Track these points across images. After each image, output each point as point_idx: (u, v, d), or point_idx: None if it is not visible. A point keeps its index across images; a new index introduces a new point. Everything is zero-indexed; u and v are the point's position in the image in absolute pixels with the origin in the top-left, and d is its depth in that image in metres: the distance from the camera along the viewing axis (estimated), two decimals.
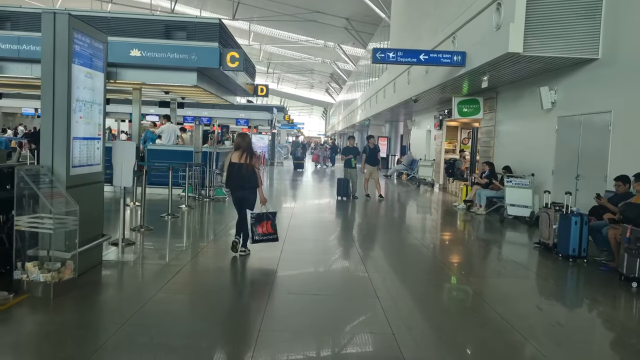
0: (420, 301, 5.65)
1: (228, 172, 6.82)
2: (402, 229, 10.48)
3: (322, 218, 11.63)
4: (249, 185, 6.79)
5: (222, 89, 17.22)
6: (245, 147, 6.81)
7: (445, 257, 8.10)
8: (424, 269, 7.25)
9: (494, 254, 8.62)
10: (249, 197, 6.87)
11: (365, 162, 14.13)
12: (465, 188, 13.19)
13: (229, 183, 6.89)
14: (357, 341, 4.39)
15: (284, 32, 43.84)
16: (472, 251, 8.83)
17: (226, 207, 12.36)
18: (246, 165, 6.70)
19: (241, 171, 6.71)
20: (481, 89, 14.18)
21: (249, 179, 6.74)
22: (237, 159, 6.76)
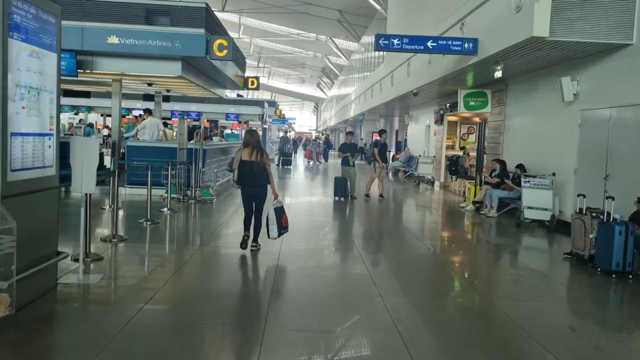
0: (445, 335, 4.50)
1: (239, 170, 6.77)
2: (410, 235, 9.34)
3: (320, 222, 10.47)
4: (260, 183, 6.80)
5: (209, 81, 15.97)
6: (255, 144, 6.79)
7: (466, 272, 6.97)
8: (443, 289, 6.12)
9: (519, 266, 7.50)
10: (260, 194, 6.87)
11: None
12: (473, 188, 12.10)
13: (241, 180, 6.83)
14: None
15: (274, 25, 42.52)
16: (493, 263, 7.71)
17: (214, 209, 11.16)
18: (257, 162, 6.70)
19: (252, 168, 6.70)
20: (489, 81, 13.09)
21: (261, 176, 6.76)
22: (248, 157, 6.72)
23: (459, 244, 8.99)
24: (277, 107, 37.99)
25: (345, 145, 13.43)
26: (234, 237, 8.36)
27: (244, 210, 7.15)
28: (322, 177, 21.56)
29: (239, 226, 9.48)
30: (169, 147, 12.14)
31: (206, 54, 11.63)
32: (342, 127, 51.58)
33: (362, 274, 6.25)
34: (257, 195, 6.88)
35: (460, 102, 13.40)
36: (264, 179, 6.81)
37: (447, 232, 10.08)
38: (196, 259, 6.67)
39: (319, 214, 11.49)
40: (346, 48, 43.17)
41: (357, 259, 7.05)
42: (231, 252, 7.13)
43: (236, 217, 10.29)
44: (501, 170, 11.56)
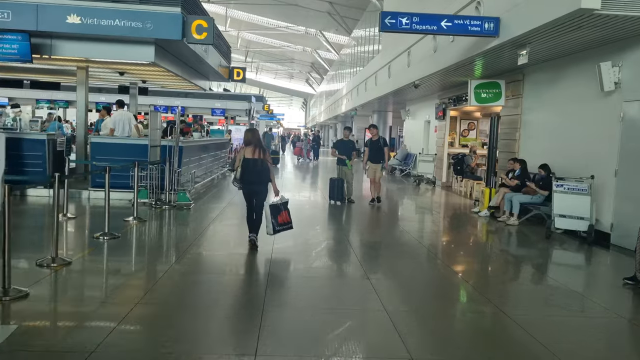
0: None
1: (242, 168, 6.80)
2: (422, 250, 7.75)
3: (315, 234, 8.84)
4: (262, 180, 6.86)
5: (189, 71, 14.25)
6: (256, 142, 6.86)
7: (499, 302, 5.38)
8: (479, 328, 4.53)
9: (566, 294, 5.89)
10: (262, 191, 6.94)
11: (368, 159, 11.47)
12: (488, 191, 10.54)
13: (244, 178, 6.83)
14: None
15: (263, 18, 40.73)
16: (531, 289, 6.12)
17: (191, 216, 9.50)
18: (260, 160, 6.79)
19: (256, 166, 6.77)
20: (503, 70, 11.55)
21: (263, 173, 6.83)
22: (251, 155, 6.78)
23: (482, 262, 7.42)
24: (265, 102, 36.28)
25: (342, 143, 11.77)
26: (213, 253, 6.74)
27: (246, 209, 7.07)
28: (313, 177, 19.92)
29: (222, 237, 7.91)
30: (138, 144, 10.43)
31: (182, 36, 9.96)
32: (332, 124, 49.97)
33: (379, 317, 4.65)
34: (259, 192, 6.92)
35: (471, 94, 11.83)
36: (265, 176, 6.87)
37: (465, 246, 8.50)
38: (162, 289, 5.02)
39: (313, 222, 9.87)
40: (336, 42, 41.49)
41: (370, 296, 5.44)
42: (208, 279, 5.50)
43: (218, 225, 8.65)
44: (521, 171, 10.03)
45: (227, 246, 7.38)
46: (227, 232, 8.37)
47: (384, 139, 11.64)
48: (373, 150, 11.26)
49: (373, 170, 11.34)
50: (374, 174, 11.35)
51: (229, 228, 8.66)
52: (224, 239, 7.82)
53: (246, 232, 7.02)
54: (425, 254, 7.36)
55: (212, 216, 9.43)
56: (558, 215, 8.26)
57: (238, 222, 9.24)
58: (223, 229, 8.52)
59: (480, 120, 20.28)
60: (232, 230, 8.50)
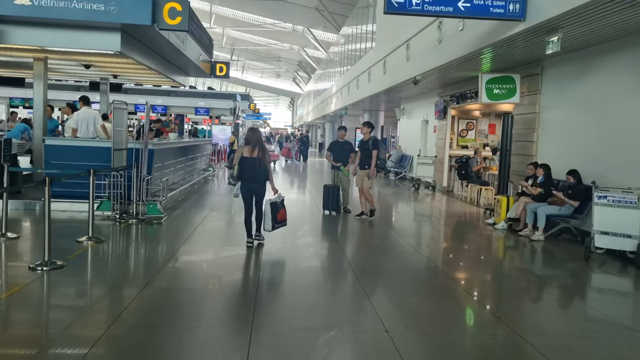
0: None
1: (240, 166, 6.83)
2: (440, 277, 6.31)
3: (308, 256, 7.36)
4: (260, 178, 6.89)
5: (165, 65, 12.68)
6: (256, 142, 6.88)
7: (534, 337, 3.95)
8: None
9: (619, 334, 4.48)
10: (260, 190, 6.95)
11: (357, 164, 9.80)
12: (505, 200, 9.14)
13: (242, 176, 6.86)
14: None
15: (248, 15, 39.11)
16: (574, 323, 4.70)
17: (162, 232, 7.97)
18: (259, 159, 6.82)
19: (254, 165, 6.81)
20: (518, 63, 10.17)
21: (261, 172, 6.86)
22: (249, 154, 6.82)
23: (510, 288, 5.98)
24: (251, 101, 34.70)
25: (338, 145, 10.26)
26: (190, 287, 5.21)
27: (244, 208, 6.99)
28: (304, 182, 18.41)
29: (196, 263, 6.39)
30: (100, 146, 8.85)
31: (153, 22, 8.43)
32: (320, 123, 48.51)
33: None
34: (258, 190, 6.94)
35: (482, 89, 10.42)
36: (263, 175, 6.92)
37: (488, 269, 7.07)
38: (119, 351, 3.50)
39: (304, 238, 8.39)
40: (325, 39, 40.00)
41: (369, 314, 3.96)
42: (171, 337, 3.98)
43: (192, 245, 7.11)
44: (545, 177, 8.64)
45: (201, 278, 5.85)
46: (203, 255, 6.85)
47: (373, 140, 9.68)
48: (362, 153, 9.67)
49: (360, 178, 9.62)
50: (361, 182, 9.59)
51: (206, 249, 7.14)
52: (197, 267, 6.30)
53: (232, 247, 5.55)
54: (444, 284, 5.90)
55: (187, 232, 7.90)
56: (599, 232, 6.87)
57: (219, 238, 7.72)
58: (198, 251, 6.99)
59: (479, 120, 18.98)
60: (209, 252, 6.98)
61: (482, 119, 19.28)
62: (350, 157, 10.03)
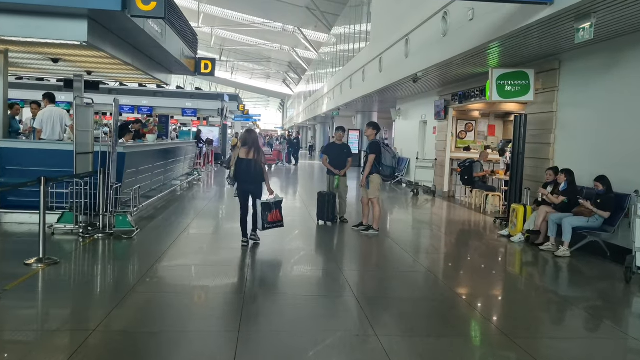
0: None
1: (236, 168, 6.87)
2: (459, 302, 5.23)
3: (301, 279, 6.24)
4: (256, 179, 6.91)
5: (143, 59, 11.50)
6: (252, 143, 6.90)
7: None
8: None
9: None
10: (257, 191, 6.95)
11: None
12: (522, 209, 8.08)
13: (239, 178, 6.90)
14: None
15: (237, 14, 37.95)
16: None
17: (132, 249, 6.82)
18: (254, 161, 6.84)
19: (250, 167, 6.82)
20: (532, 57, 9.15)
21: (257, 173, 6.87)
22: (245, 155, 6.84)
23: (541, 317, 4.93)
24: (240, 102, 33.50)
25: (335, 148, 9.13)
26: (156, 329, 4.02)
27: (240, 208, 7.03)
28: (295, 187, 17.28)
29: (172, 290, 5.21)
30: (62, 150, 7.67)
31: (123, 7, 7.29)
32: (311, 125, 47.43)
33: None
34: (253, 191, 6.96)
35: (493, 86, 9.38)
36: (259, 176, 6.92)
37: (513, 295, 6.00)
38: None
39: (297, 253, 7.29)
40: (315, 40, 38.94)
41: None
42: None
43: (169, 265, 5.95)
44: (569, 184, 7.61)
45: (171, 317, 4.70)
46: (177, 280, 5.71)
47: (370, 143, 8.40)
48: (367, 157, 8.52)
49: (362, 186, 8.47)
50: (364, 190, 8.41)
51: (182, 272, 6.01)
52: (167, 300, 5.15)
53: (215, 266, 4.45)
54: (466, 317, 4.82)
55: (162, 248, 6.74)
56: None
57: (200, 254, 6.58)
58: (172, 274, 5.86)
59: (478, 121, 18.00)
60: (185, 275, 5.85)
61: (482, 120, 18.32)
62: (347, 162, 8.95)
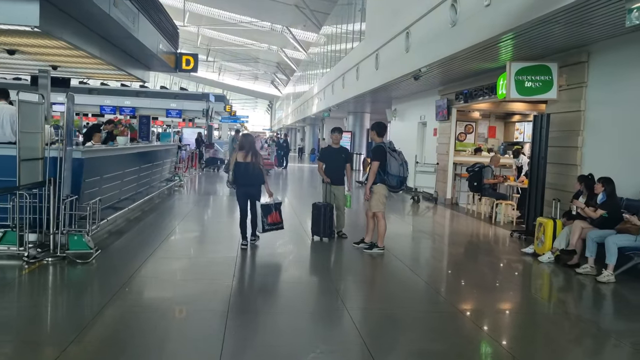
0: None
1: (235, 171, 6.83)
2: (489, 342, 4.02)
3: (293, 310, 4.96)
4: (255, 182, 6.86)
5: (114, 52, 10.15)
6: (249, 147, 6.85)
7: None
8: None
9: None
10: (255, 193, 6.91)
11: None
12: (551, 223, 6.90)
13: (237, 181, 6.85)
14: None
15: (224, 12, 36.55)
16: None
17: (89, 275, 5.51)
18: (252, 164, 6.79)
19: (248, 170, 6.77)
20: (552, 50, 7.99)
21: (255, 176, 6.82)
22: (243, 159, 6.81)
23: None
24: (226, 103, 32.13)
25: (331, 153, 7.85)
26: None
27: (239, 211, 6.95)
28: (284, 194, 15.98)
29: (132, 340, 3.89)
30: (4, 155, 6.32)
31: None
32: (300, 126, 46.17)
33: None
34: (252, 194, 6.91)
35: (511, 82, 8.19)
36: (258, 179, 6.86)
37: (552, 333, 4.76)
38: None
39: (288, 275, 6.04)
40: (304, 39, 37.69)
41: None
42: None
43: (133, 301, 4.59)
44: (608, 196, 6.43)
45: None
46: (142, 322, 4.41)
47: (375, 148, 7.09)
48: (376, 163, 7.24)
49: (366, 200, 7.16)
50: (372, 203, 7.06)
51: (150, 310, 4.70)
52: (131, 355, 3.86)
53: (192, 302, 3.21)
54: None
55: (126, 276, 5.42)
56: None
57: (175, 283, 5.26)
58: (136, 316, 4.54)
59: (479, 122, 16.89)
60: (153, 316, 4.54)
61: (482, 121, 17.23)
62: (346, 168, 7.70)
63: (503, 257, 7.44)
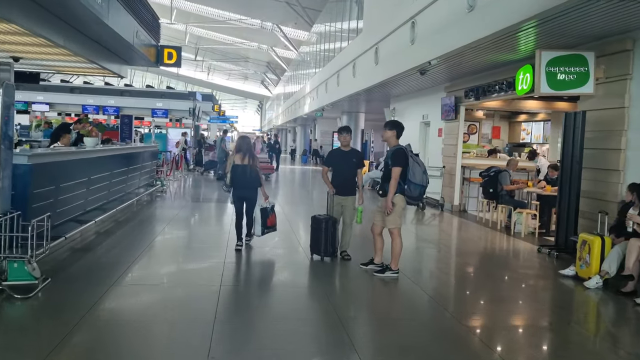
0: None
1: (232, 174, 6.78)
2: None
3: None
4: (251, 185, 6.79)
5: (83, 41, 8.85)
6: (246, 149, 6.84)
7: None
8: None
9: None
10: (251, 196, 6.83)
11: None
12: (598, 242, 5.74)
13: (235, 183, 6.79)
14: None
15: (213, 10, 35.15)
16: None
17: (33, 312, 4.22)
18: (250, 166, 6.76)
19: (245, 173, 6.73)
20: (586, 38, 6.84)
21: (252, 179, 6.78)
22: (240, 161, 6.76)
23: None
24: (215, 102, 30.77)
25: (340, 157, 6.52)
26: None
27: (235, 214, 6.95)
28: (275, 199, 14.70)
29: None
30: None
31: None
32: (291, 127, 44.88)
33: None
34: (249, 197, 6.82)
35: (541, 75, 7.00)
36: (255, 182, 6.81)
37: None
38: None
39: (282, 309, 4.80)
40: (295, 38, 36.40)
41: None
42: None
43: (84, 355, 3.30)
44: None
45: None
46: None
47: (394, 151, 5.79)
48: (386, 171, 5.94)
49: (378, 211, 5.92)
50: (382, 217, 5.82)
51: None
52: None
53: None
54: None
55: (73, 318, 4.15)
56: None
57: (146, 323, 3.97)
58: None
59: (482, 122, 15.78)
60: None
61: (486, 121, 16.13)
62: (358, 175, 6.46)
63: (539, 282, 6.24)
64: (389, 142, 5.92)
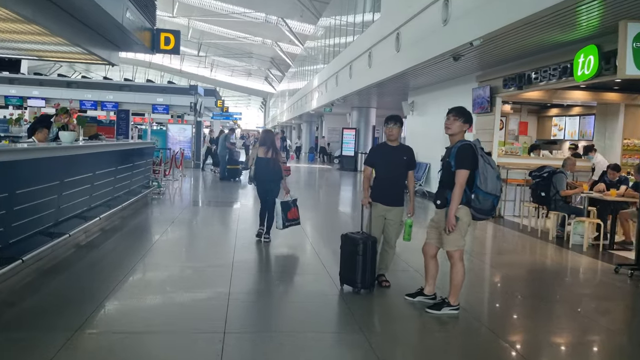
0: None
1: (256, 167, 6.88)
2: None
3: None
4: (274, 178, 6.86)
5: (62, 18, 7.36)
6: (270, 143, 6.90)
7: None
8: None
9: None
10: (275, 188, 6.90)
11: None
12: None
13: (257, 176, 6.90)
14: None
15: (216, 2, 33.64)
16: None
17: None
18: (273, 160, 6.85)
19: (269, 165, 6.82)
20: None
21: (275, 171, 6.85)
22: (264, 154, 6.85)
23: None
24: (218, 98, 29.25)
25: (386, 153, 4.96)
26: None
27: (260, 203, 7.02)
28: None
29: None
30: None
31: None
32: (296, 124, 43.35)
33: None
34: (271, 190, 6.85)
35: (626, 52, 5.48)
36: (277, 175, 6.87)
37: None
38: None
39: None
40: (301, 32, 34.87)
41: None
42: None
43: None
44: None
45: None
46: None
47: (459, 147, 4.22)
48: (446, 174, 4.42)
49: (436, 228, 4.46)
50: (438, 235, 4.42)
51: None
52: None
53: None
54: None
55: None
56: None
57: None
58: None
59: (509, 117, 14.29)
60: None
61: (513, 116, 14.65)
62: (408, 177, 4.91)
63: (633, 318, 4.73)
64: (454, 137, 4.35)
